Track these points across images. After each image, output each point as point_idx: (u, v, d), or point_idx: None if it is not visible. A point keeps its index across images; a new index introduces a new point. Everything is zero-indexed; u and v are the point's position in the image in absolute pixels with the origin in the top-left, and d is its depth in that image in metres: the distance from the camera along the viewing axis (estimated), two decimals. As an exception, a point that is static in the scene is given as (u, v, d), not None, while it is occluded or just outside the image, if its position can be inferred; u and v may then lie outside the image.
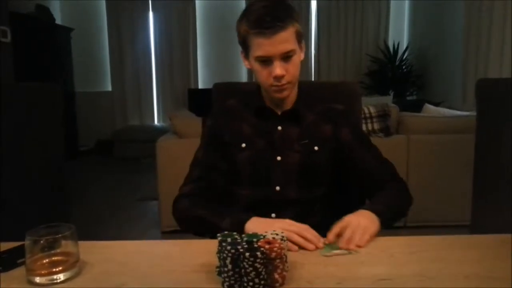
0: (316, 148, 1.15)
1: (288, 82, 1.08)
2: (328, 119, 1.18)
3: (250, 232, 0.87)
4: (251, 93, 1.21)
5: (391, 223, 1.03)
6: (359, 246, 0.88)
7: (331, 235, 0.91)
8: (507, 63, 3.83)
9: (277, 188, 1.13)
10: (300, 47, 1.09)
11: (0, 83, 3.29)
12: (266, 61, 1.05)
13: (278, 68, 1.04)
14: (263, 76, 1.07)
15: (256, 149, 1.14)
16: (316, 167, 1.16)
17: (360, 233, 0.90)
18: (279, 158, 1.14)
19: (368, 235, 0.91)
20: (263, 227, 0.88)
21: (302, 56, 1.11)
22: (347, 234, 0.89)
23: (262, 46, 1.02)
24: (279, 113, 1.17)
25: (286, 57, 1.04)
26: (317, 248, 0.88)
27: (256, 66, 1.07)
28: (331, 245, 0.89)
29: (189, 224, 1.11)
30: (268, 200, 1.13)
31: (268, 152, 1.14)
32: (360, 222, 0.92)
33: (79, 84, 5.92)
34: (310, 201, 1.15)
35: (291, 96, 1.15)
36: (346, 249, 0.87)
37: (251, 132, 1.16)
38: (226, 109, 1.22)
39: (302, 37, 1.08)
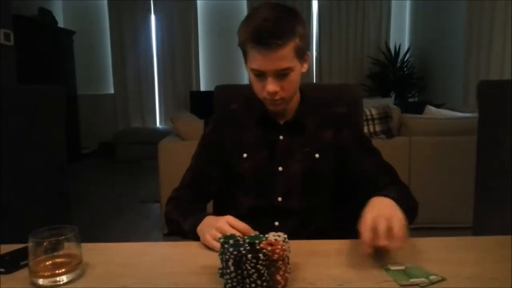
0: (317, 155, 1.12)
1: (282, 98, 1.05)
2: (330, 124, 1.16)
3: (201, 234, 0.93)
4: (254, 97, 1.17)
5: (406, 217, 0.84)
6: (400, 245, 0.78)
7: (367, 233, 0.78)
8: (508, 64, 3.82)
9: (279, 199, 1.11)
10: (303, 60, 1.05)
11: (1, 86, 3.30)
12: (260, 75, 1.02)
13: (270, 85, 1.01)
14: (257, 88, 1.06)
15: (257, 160, 1.12)
16: (318, 175, 1.13)
17: (397, 226, 0.78)
18: (280, 168, 1.12)
19: (404, 227, 0.79)
20: (207, 229, 0.91)
21: (305, 67, 1.07)
22: (382, 228, 0.77)
23: (257, 60, 0.99)
24: (281, 123, 1.15)
25: (282, 74, 1.01)
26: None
27: (252, 76, 1.05)
28: (408, 271, 0.77)
29: (169, 225, 1.14)
30: (271, 209, 1.11)
31: (269, 163, 1.12)
32: (388, 212, 0.81)
33: (81, 86, 5.95)
34: (313, 209, 1.13)
35: (290, 106, 1.13)
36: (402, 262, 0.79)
37: (253, 142, 1.14)
38: (227, 116, 1.20)
39: (304, 51, 1.04)
